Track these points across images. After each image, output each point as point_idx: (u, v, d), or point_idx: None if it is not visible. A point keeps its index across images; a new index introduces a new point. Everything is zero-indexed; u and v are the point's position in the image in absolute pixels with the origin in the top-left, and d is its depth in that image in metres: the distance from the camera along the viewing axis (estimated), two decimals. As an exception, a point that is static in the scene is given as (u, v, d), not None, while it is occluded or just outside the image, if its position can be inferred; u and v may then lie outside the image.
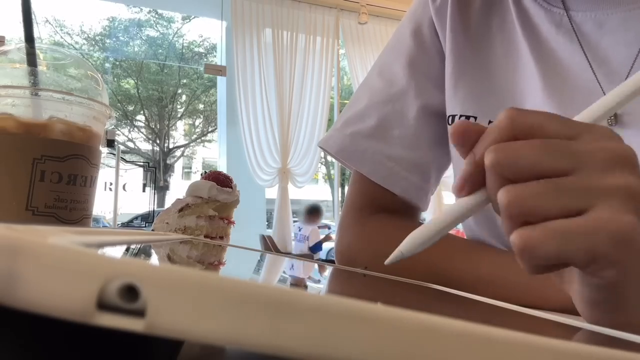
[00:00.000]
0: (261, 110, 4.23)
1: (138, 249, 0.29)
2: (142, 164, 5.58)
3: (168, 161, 13.52)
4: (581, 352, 0.10)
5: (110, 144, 3.70)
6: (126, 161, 4.54)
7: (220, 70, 4.36)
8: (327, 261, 3.98)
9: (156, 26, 12.99)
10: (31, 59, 0.43)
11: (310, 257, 3.72)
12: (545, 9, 0.50)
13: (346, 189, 0.62)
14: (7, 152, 0.40)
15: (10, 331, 0.11)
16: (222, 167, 4.53)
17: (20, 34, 0.45)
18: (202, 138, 14.13)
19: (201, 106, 13.77)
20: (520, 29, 0.51)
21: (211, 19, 5.25)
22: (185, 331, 0.09)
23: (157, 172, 11.13)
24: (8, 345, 0.11)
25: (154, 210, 4.79)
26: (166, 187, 12.78)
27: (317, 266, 0.66)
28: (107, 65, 13.13)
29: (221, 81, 4.80)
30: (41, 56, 0.44)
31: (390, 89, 0.58)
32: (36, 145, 0.40)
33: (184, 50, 13.19)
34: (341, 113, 0.63)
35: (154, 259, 0.29)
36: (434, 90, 0.57)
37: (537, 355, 0.09)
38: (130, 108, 13.14)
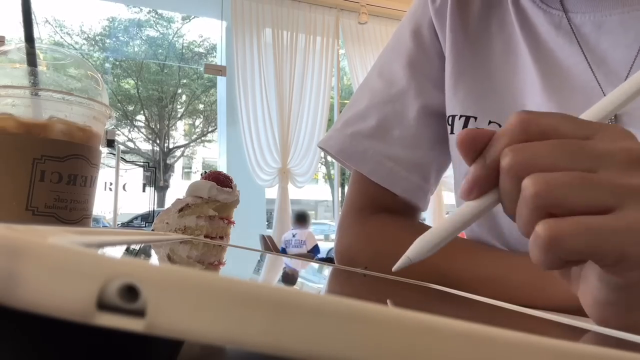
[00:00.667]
0: (261, 110, 4.23)
1: (138, 249, 0.29)
2: (142, 164, 5.58)
3: (168, 161, 13.52)
4: (581, 352, 0.10)
5: (110, 144, 3.70)
6: (126, 161, 4.53)
7: (220, 70, 4.37)
8: (327, 261, 3.98)
9: (156, 26, 12.99)
10: (31, 58, 0.43)
11: (310, 258, 3.72)
12: (544, 10, 0.50)
13: (346, 189, 0.62)
14: (7, 152, 0.40)
15: (10, 331, 0.11)
16: (222, 167, 4.54)
17: (20, 34, 0.45)
18: (202, 138, 14.13)
19: (201, 106, 13.77)
20: (520, 29, 0.51)
21: (211, 19, 5.25)
22: (185, 331, 0.09)
23: (157, 172, 11.13)
24: (8, 345, 0.11)
25: (154, 210, 4.79)
26: (166, 187, 12.79)
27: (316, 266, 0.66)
28: (107, 65, 13.13)
29: (221, 81, 4.80)
30: (41, 56, 0.44)
31: (390, 89, 0.59)
32: (36, 145, 0.40)
33: (184, 51, 13.19)
34: (341, 113, 0.63)
35: (154, 259, 0.29)
36: (434, 91, 0.57)
37: (538, 355, 0.09)
38: (130, 108, 13.14)
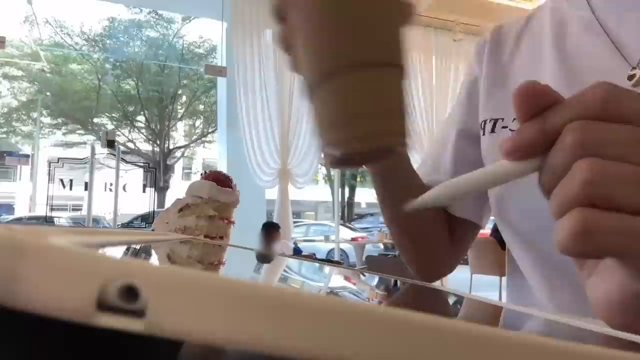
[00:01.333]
0: (261, 110, 4.23)
1: (138, 249, 0.29)
2: (142, 164, 5.58)
3: (168, 162, 13.53)
4: (581, 352, 0.10)
5: (111, 144, 3.70)
6: (126, 162, 4.53)
7: (220, 71, 4.36)
8: (327, 261, 3.98)
9: (156, 27, 13.00)
10: None
11: (310, 258, 3.71)
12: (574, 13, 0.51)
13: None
14: None
15: (10, 331, 0.11)
16: (223, 168, 4.53)
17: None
18: (202, 139, 14.13)
19: (201, 107, 13.77)
20: (552, 36, 0.52)
21: (211, 19, 5.25)
22: (185, 331, 0.09)
23: (157, 172, 11.13)
24: (8, 345, 0.11)
25: (154, 211, 4.79)
26: (166, 187, 12.79)
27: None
28: (108, 66, 13.14)
29: (221, 82, 4.80)
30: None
31: (444, 132, 0.63)
32: None
33: (184, 51, 13.20)
34: None
35: (154, 259, 0.29)
36: (474, 116, 0.60)
37: (538, 356, 0.09)
38: (131, 109, 13.14)
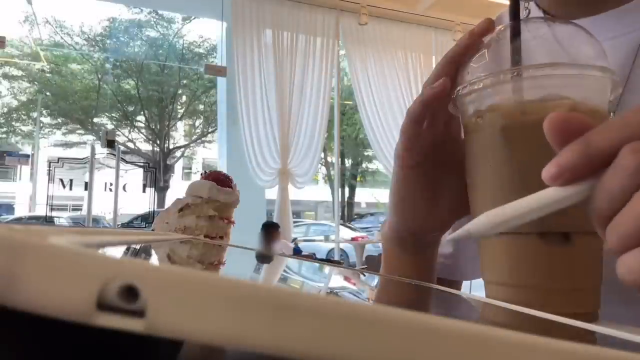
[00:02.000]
0: (261, 110, 4.23)
1: (138, 249, 0.29)
2: (142, 164, 5.58)
3: (168, 162, 13.52)
4: (581, 352, 0.10)
5: (111, 144, 3.70)
6: (126, 162, 4.53)
7: (220, 71, 4.36)
8: (327, 261, 3.98)
9: (156, 27, 12.99)
10: None
11: (310, 258, 3.71)
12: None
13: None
14: None
15: (10, 331, 0.11)
16: (223, 168, 4.54)
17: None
18: (202, 139, 14.12)
19: (201, 107, 13.76)
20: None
21: (211, 19, 5.25)
22: (185, 331, 0.09)
23: (157, 172, 11.13)
24: (8, 345, 0.11)
25: (154, 211, 4.79)
26: (166, 187, 12.78)
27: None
28: (108, 65, 13.14)
29: (221, 82, 4.80)
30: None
31: None
32: None
33: (184, 51, 13.19)
34: None
35: (154, 259, 0.29)
36: None
37: (537, 356, 0.09)
38: (131, 109, 13.13)
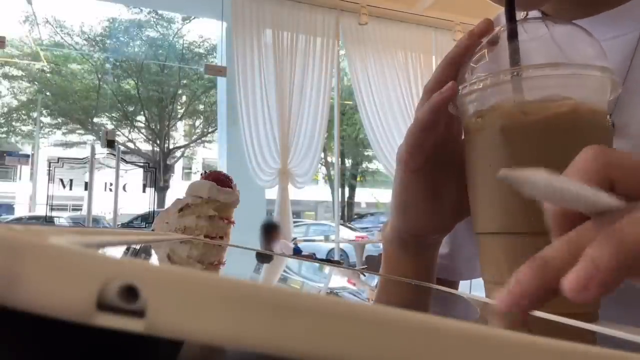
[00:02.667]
0: (261, 110, 4.23)
1: (138, 249, 0.29)
2: (142, 164, 5.58)
3: (168, 162, 13.51)
4: (581, 352, 0.10)
5: (111, 144, 3.70)
6: (126, 162, 4.53)
7: (220, 71, 4.36)
8: (327, 261, 3.97)
9: (156, 27, 12.99)
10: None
11: (310, 258, 3.71)
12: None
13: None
14: None
15: (10, 331, 0.11)
16: (223, 168, 4.53)
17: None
18: (202, 139, 14.12)
19: (201, 107, 13.76)
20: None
21: (211, 19, 5.25)
22: (185, 331, 0.09)
23: (157, 172, 11.12)
24: (8, 345, 0.11)
25: (154, 211, 4.79)
26: (166, 187, 12.78)
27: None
28: (108, 65, 13.13)
29: (221, 82, 4.80)
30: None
31: None
32: None
33: (184, 51, 13.18)
34: None
35: (154, 259, 0.29)
36: None
37: (537, 356, 0.09)
38: (131, 109, 13.13)
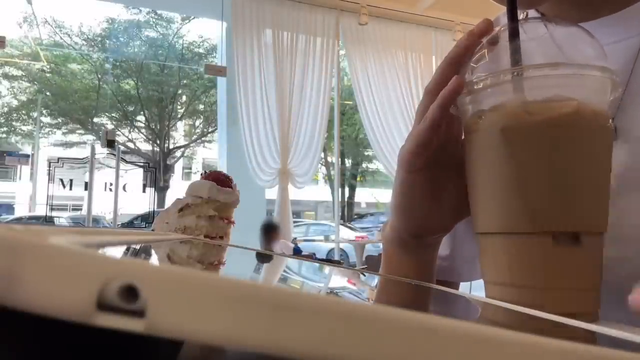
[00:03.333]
0: (261, 110, 4.23)
1: (138, 249, 0.29)
2: (142, 164, 5.58)
3: (168, 162, 13.51)
4: (581, 352, 0.10)
5: (111, 144, 3.70)
6: (126, 162, 4.53)
7: (220, 71, 4.36)
8: (327, 261, 3.97)
9: (156, 27, 12.98)
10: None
11: (310, 258, 3.71)
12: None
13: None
14: None
15: (10, 331, 0.11)
16: (223, 168, 4.53)
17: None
18: (202, 139, 14.11)
19: (201, 107, 13.75)
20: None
21: (211, 19, 5.25)
22: (185, 331, 0.09)
23: (157, 172, 11.12)
24: (8, 345, 0.11)
25: (154, 211, 4.79)
26: (166, 187, 12.78)
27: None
28: (108, 65, 13.12)
29: (221, 82, 4.80)
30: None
31: None
32: None
33: (184, 51, 13.18)
34: None
35: (154, 259, 0.29)
36: None
37: (538, 356, 0.09)
38: (131, 109, 13.12)
